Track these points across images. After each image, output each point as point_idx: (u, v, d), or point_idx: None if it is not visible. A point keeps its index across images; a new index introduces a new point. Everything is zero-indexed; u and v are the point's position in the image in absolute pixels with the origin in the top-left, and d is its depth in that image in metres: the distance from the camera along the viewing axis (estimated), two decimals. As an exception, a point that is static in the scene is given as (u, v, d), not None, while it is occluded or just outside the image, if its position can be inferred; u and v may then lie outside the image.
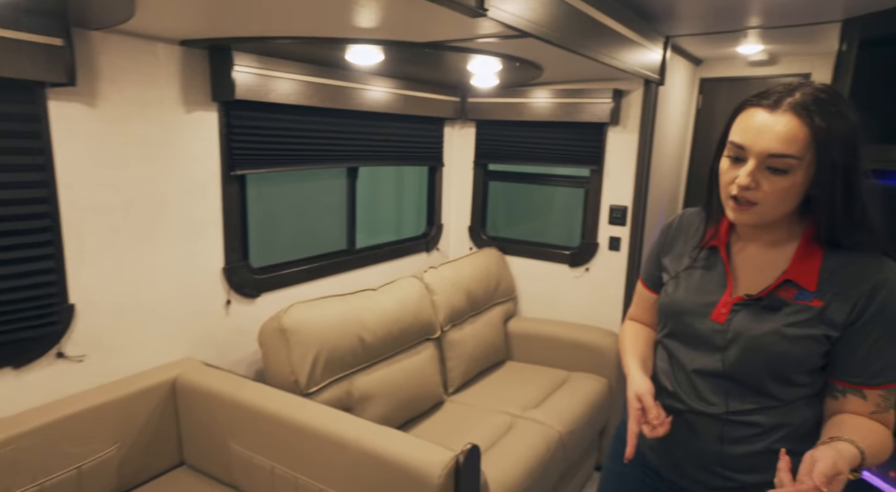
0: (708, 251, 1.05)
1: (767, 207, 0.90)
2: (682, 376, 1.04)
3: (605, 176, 2.69)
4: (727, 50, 3.10)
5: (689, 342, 1.03)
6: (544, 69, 2.25)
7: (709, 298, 1.00)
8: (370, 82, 2.32)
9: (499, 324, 2.77)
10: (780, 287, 0.94)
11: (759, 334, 0.93)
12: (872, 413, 0.91)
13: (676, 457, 1.06)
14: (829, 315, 0.90)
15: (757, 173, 0.89)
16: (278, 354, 1.74)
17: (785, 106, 0.87)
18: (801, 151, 0.86)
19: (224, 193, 1.87)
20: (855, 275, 0.90)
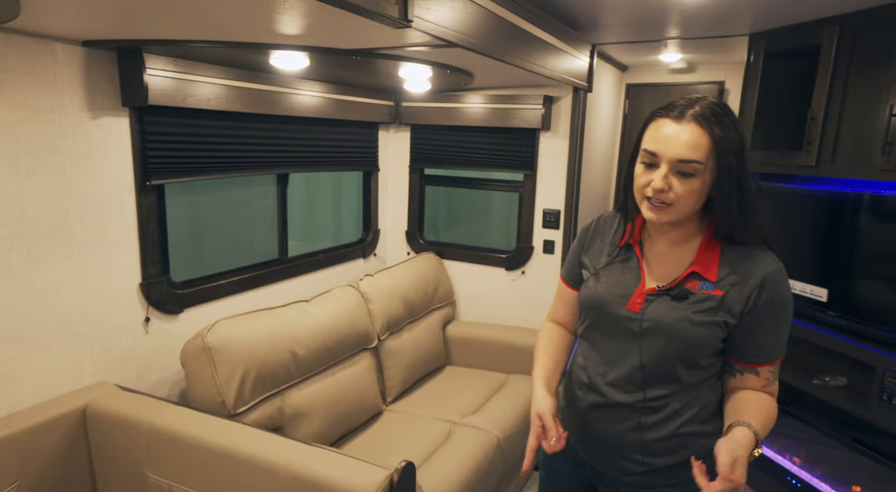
0: (624, 248, 1.15)
1: (680, 206, 1.01)
2: (599, 369, 1.13)
3: (538, 180, 2.74)
4: (650, 57, 3.24)
5: (608, 332, 1.12)
6: (475, 76, 2.26)
7: (625, 290, 1.10)
8: (300, 86, 2.25)
9: (437, 329, 2.76)
10: (686, 279, 1.06)
11: (671, 321, 1.04)
12: (764, 386, 1.06)
13: (599, 447, 1.14)
14: (728, 304, 1.02)
15: (669, 177, 1.00)
16: (203, 374, 1.64)
17: (688, 117, 0.99)
18: (704, 156, 0.98)
19: (139, 205, 1.75)
20: (748, 268, 1.02)
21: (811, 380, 2.28)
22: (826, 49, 2.14)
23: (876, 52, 1.99)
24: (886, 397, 1.96)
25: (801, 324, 2.32)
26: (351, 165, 2.78)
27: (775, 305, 1.02)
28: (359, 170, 2.88)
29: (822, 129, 2.18)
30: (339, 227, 3.16)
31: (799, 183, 2.38)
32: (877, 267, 2.08)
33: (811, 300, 2.29)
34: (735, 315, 1.02)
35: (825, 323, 2.24)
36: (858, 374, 2.14)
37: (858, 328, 2.10)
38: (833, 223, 2.24)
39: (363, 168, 2.88)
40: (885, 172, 1.94)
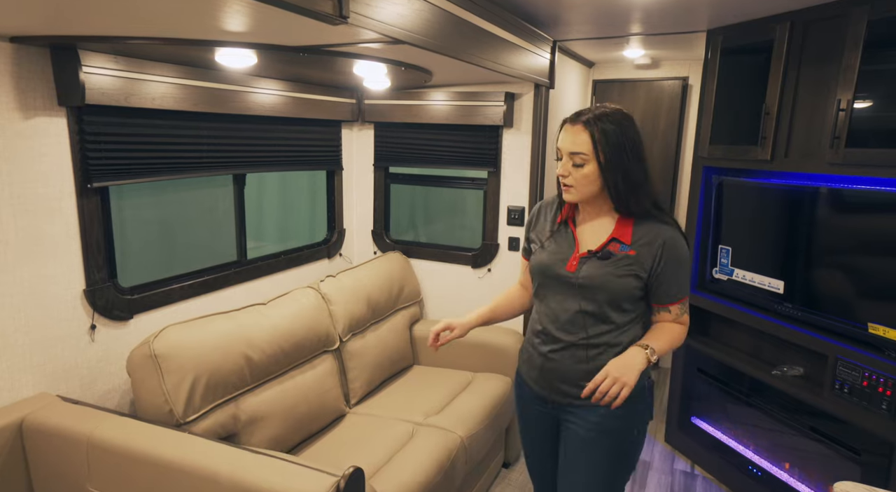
0: (561, 224, 1.48)
1: (579, 187, 1.36)
2: (549, 317, 1.44)
3: (502, 178, 2.73)
4: (615, 54, 3.25)
5: (554, 289, 1.43)
6: (433, 73, 2.23)
7: (564, 256, 1.43)
8: (256, 85, 2.20)
9: (403, 329, 2.73)
10: (609, 243, 1.38)
11: (598, 276, 1.36)
12: (675, 319, 1.42)
13: (555, 381, 1.45)
14: (640, 260, 1.35)
15: (567, 166, 1.36)
16: (149, 382, 1.59)
17: (579, 121, 1.34)
18: (587, 149, 1.32)
19: (81, 208, 1.69)
20: (653, 234, 1.36)
21: (770, 371, 2.32)
22: (778, 44, 2.17)
23: (825, 47, 2.02)
24: (839, 385, 1.99)
25: (759, 315, 2.36)
26: (313, 165, 2.73)
27: (675, 258, 1.36)
28: (321, 169, 2.83)
29: (776, 123, 2.20)
30: (315, 226, 3.10)
31: (757, 177, 2.41)
32: (830, 259, 2.12)
33: (769, 292, 2.33)
34: (646, 269, 1.36)
35: (783, 314, 2.27)
36: (814, 363, 2.18)
37: (813, 319, 2.14)
38: (789, 217, 2.27)
39: (326, 167, 2.84)
40: (834, 166, 1.97)
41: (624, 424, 1.40)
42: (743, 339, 2.57)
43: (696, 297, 2.64)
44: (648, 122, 3.53)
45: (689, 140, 3.50)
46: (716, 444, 2.67)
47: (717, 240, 2.63)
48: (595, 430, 1.41)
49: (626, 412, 1.36)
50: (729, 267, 2.56)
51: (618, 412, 1.34)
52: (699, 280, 2.72)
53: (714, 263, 2.64)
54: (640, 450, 1.47)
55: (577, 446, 1.43)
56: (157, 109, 1.82)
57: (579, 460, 1.44)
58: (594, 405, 1.35)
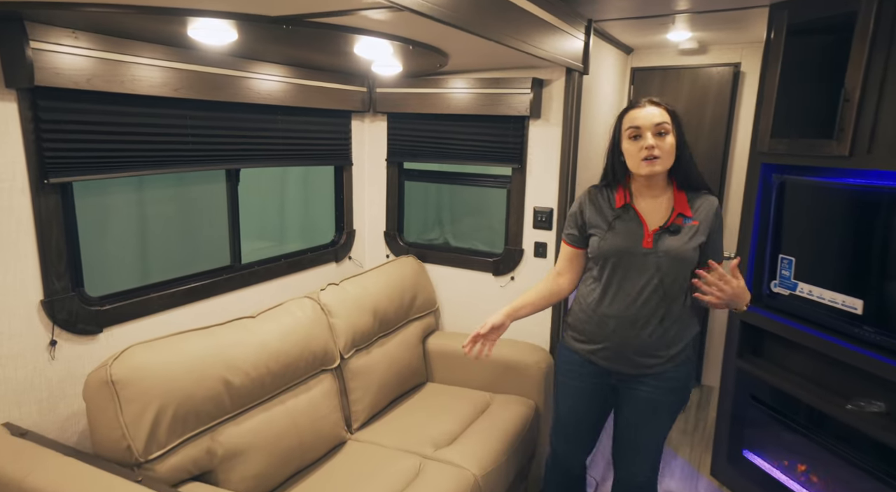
0: (622, 209, 1.58)
1: (665, 157, 1.48)
2: (623, 296, 1.55)
3: (527, 175, 2.43)
4: (657, 37, 2.91)
5: (631, 268, 1.54)
6: (449, 55, 1.95)
7: (637, 234, 1.54)
8: (250, 69, 1.96)
9: (416, 342, 2.46)
10: (675, 218, 1.53)
11: (675, 247, 1.50)
12: None
13: (628, 356, 1.57)
14: (702, 229, 1.53)
15: (653, 138, 1.47)
16: (105, 413, 1.36)
17: (646, 103, 1.53)
18: (668, 119, 1.49)
19: (37, 207, 1.46)
20: (706, 205, 1.56)
21: (843, 404, 1.96)
22: (864, 18, 1.80)
23: (927, 18, 1.65)
24: (937, 433, 1.63)
25: (829, 339, 2.00)
26: (318, 159, 2.48)
27: (721, 225, 1.59)
28: (328, 164, 2.58)
29: (858, 113, 1.84)
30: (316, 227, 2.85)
31: (828, 176, 2.05)
32: (925, 277, 1.75)
33: (843, 312, 1.97)
34: (706, 235, 1.53)
35: (860, 339, 1.92)
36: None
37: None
38: (869, 224, 1.91)
39: (333, 162, 2.58)
40: (940, 163, 1.60)
41: (687, 379, 1.60)
42: (807, 364, 2.21)
43: (750, 313, 2.29)
44: (693, 113, 3.17)
45: (741, 134, 3.13)
46: (771, 483, 2.31)
47: (776, 249, 2.26)
48: (667, 391, 1.57)
49: (687, 367, 1.59)
50: (791, 280, 2.20)
51: (683, 370, 1.58)
52: (753, 294, 2.37)
53: (772, 275, 2.28)
54: None
55: (647, 407, 1.59)
56: (130, 95, 1.59)
57: (650, 418, 1.61)
58: (667, 369, 1.56)
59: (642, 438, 1.63)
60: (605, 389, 1.65)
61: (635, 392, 1.60)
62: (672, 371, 1.56)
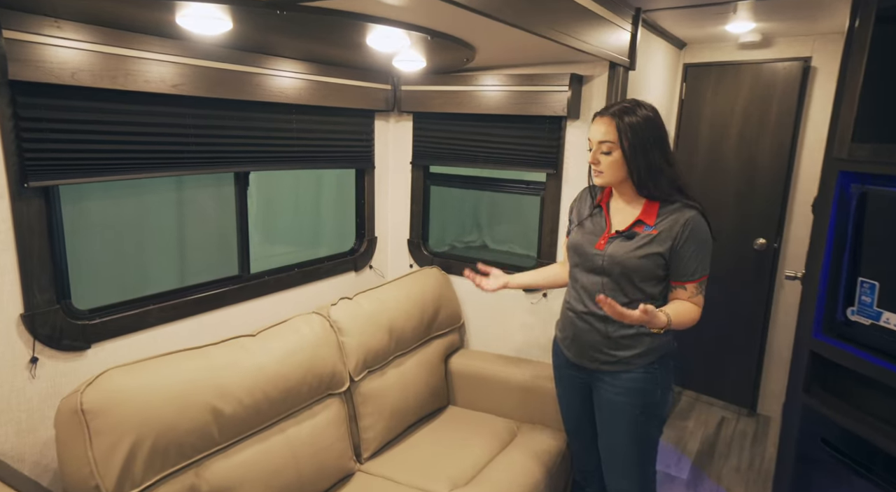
0: (597, 207, 1.63)
1: (608, 172, 1.52)
2: (580, 291, 1.61)
3: (563, 182, 2.19)
4: (714, 29, 2.61)
5: (584, 266, 1.60)
6: (476, 48, 1.74)
7: (595, 236, 1.59)
8: (262, 64, 1.81)
9: (437, 362, 2.27)
10: (635, 225, 1.53)
11: (620, 254, 1.51)
12: (690, 298, 1.52)
13: (583, 348, 1.62)
14: (661, 239, 1.49)
15: (597, 154, 1.52)
16: (73, 446, 1.22)
17: (605, 113, 1.51)
18: (612, 137, 1.48)
19: (16, 213, 1.34)
20: (676, 216, 1.49)
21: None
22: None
23: None
24: None
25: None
26: (337, 162, 2.32)
27: (695, 239, 1.48)
28: (348, 167, 2.41)
29: (967, 112, 1.53)
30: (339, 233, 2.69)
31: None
32: None
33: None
34: (667, 248, 1.48)
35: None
36: None
37: None
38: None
39: (354, 165, 2.42)
40: None
41: (647, 385, 1.57)
42: (890, 406, 1.89)
43: (819, 342, 1.98)
44: (753, 113, 2.84)
45: (810, 137, 2.79)
46: (841, 541, 1.99)
47: (854, 270, 1.94)
48: (622, 392, 1.58)
49: (648, 375, 1.57)
50: (873, 308, 1.87)
51: (641, 375, 1.56)
52: (825, 321, 2.05)
53: (849, 300, 1.96)
54: (666, 408, 1.63)
55: (608, 407, 1.61)
56: (121, 91, 1.45)
57: (612, 419, 1.62)
58: (621, 371, 1.57)
59: (611, 444, 1.64)
60: (580, 382, 1.70)
61: (599, 391, 1.64)
62: (626, 374, 1.57)
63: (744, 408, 3.12)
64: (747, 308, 2.97)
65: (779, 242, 2.87)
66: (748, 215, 2.91)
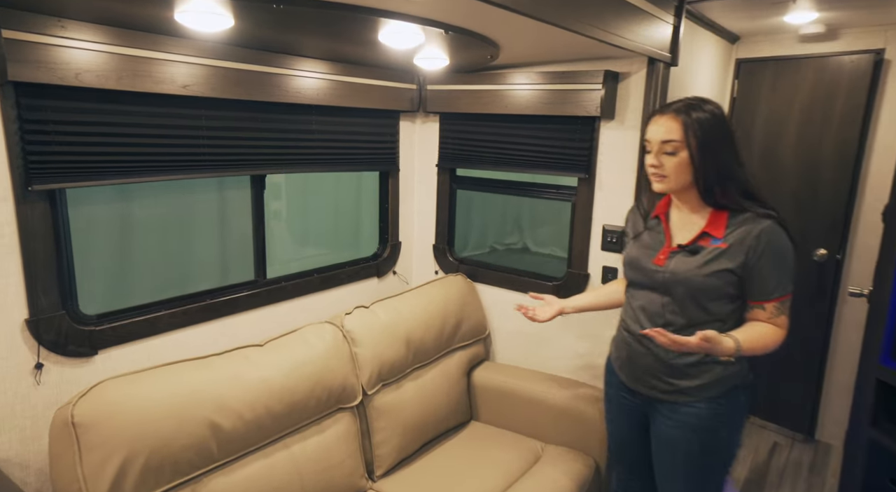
0: (654, 220, 1.50)
1: (672, 176, 1.36)
2: (637, 311, 1.46)
3: (597, 187, 2.03)
4: (771, 20, 2.38)
5: (641, 284, 1.46)
6: (499, 44, 1.62)
7: (653, 250, 1.45)
8: (279, 64, 1.75)
9: (458, 376, 2.15)
10: (700, 238, 1.38)
11: (684, 270, 1.36)
12: (769, 319, 1.35)
13: (638, 373, 1.48)
14: (732, 253, 1.32)
15: (659, 156, 1.36)
16: (63, 460, 1.18)
17: (666, 111, 1.36)
18: (678, 136, 1.32)
19: (21, 217, 1.32)
20: (748, 226, 1.32)
21: None
22: None
23: None
24: None
25: None
26: (360, 165, 2.24)
27: (773, 252, 1.31)
28: (371, 170, 2.33)
29: None
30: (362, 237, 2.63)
31: None
32: None
33: None
34: (739, 263, 1.32)
35: None
36: None
37: None
38: None
39: (377, 167, 2.34)
40: None
41: (710, 422, 1.38)
42: (974, 449, 1.64)
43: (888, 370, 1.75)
44: (815, 112, 2.59)
45: (882, 135, 2.51)
46: None
47: (932, 290, 1.71)
48: (680, 427, 1.41)
49: (712, 410, 1.37)
50: (955, 335, 1.64)
51: (704, 410, 1.37)
52: (894, 345, 1.82)
53: (925, 324, 1.72)
54: (733, 449, 1.44)
55: (664, 441, 1.46)
56: (130, 93, 1.42)
57: (667, 455, 1.46)
58: (680, 402, 1.40)
59: (666, 481, 1.48)
60: (634, 408, 1.55)
61: (654, 421, 1.49)
62: (686, 407, 1.39)
63: (799, 433, 2.85)
64: (806, 325, 2.71)
65: (842, 254, 2.60)
66: (807, 223, 2.65)
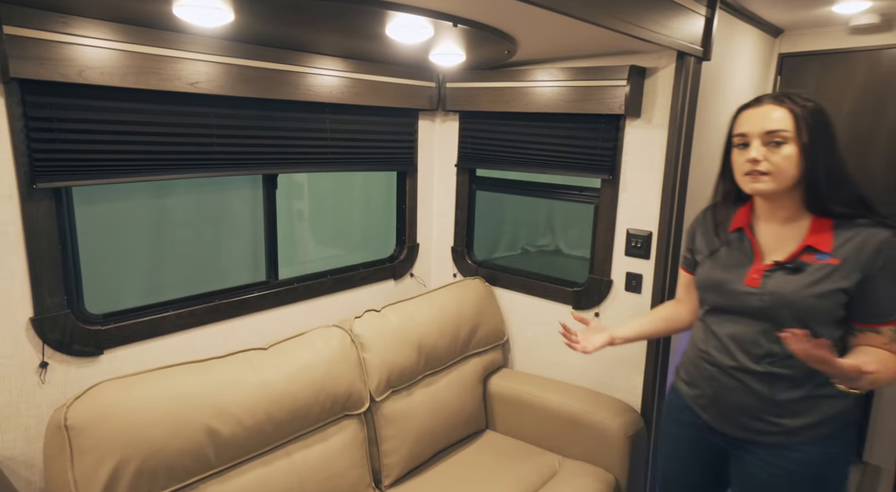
0: (735, 233, 1.29)
1: (777, 173, 1.15)
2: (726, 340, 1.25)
3: (621, 189, 1.92)
4: (818, 11, 2.21)
5: (730, 308, 1.25)
6: (516, 39, 1.53)
7: (741, 268, 1.24)
8: (291, 61, 1.72)
9: (473, 383, 2.08)
10: (802, 252, 1.18)
11: (789, 292, 1.16)
12: (885, 344, 1.15)
13: (733, 413, 1.25)
14: (845, 270, 1.13)
15: (761, 149, 1.16)
16: (56, 463, 1.16)
17: (765, 100, 1.18)
18: (787, 125, 1.13)
19: (26, 215, 1.32)
20: (862, 237, 1.13)
21: None
22: None
23: None
24: None
25: None
26: (376, 164, 2.19)
27: (891, 269, 1.11)
28: (388, 170, 2.28)
29: None
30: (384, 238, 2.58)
31: None
32: None
33: None
34: (855, 281, 1.12)
35: None
36: None
37: None
38: None
39: (394, 167, 2.28)
40: None
41: (820, 469, 1.20)
42: None
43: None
44: (867, 109, 2.40)
45: (939, 138, 2.30)
46: None
47: None
48: (783, 474, 1.22)
49: (822, 452, 1.19)
50: None
51: (812, 453, 1.19)
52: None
53: None
54: None
55: (757, 490, 1.27)
56: (137, 90, 1.40)
57: None
58: (783, 444, 1.21)
59: None
60: (709, 447, 1.35)
61: (745, 465, 1.28)
62: (793, 451, 1.20)
63: (842, 456, 2.66)
64: (850, 340, 2.52)
65: (893, 264, 2.40)
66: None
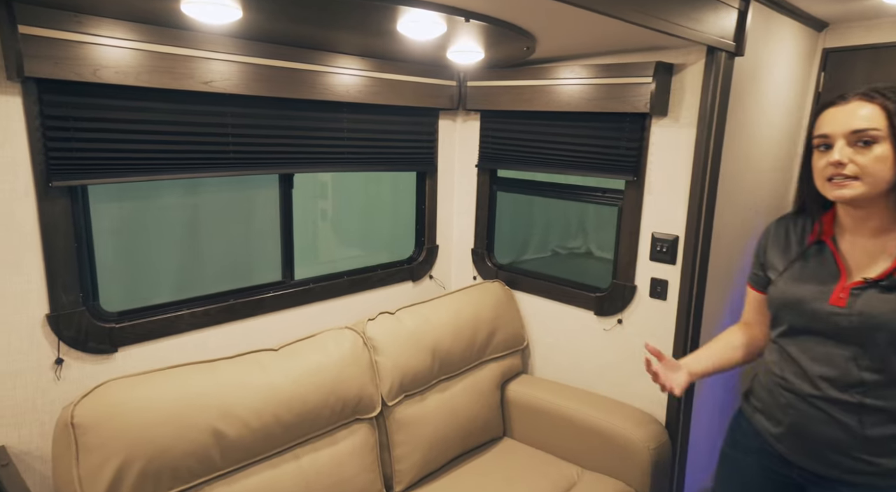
0: (816, 246, 1.17)
1: (868, 177, 1.02)
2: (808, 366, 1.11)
3: (646, 191, 1.84)
4: (866, 2, 2.08)
5: (812, 330, 1.11)
6: (534, 35, 1.47)
7: (824, 285, 1.11)
8: (308, 60, 1.70)
9: (490, 389, 2.03)
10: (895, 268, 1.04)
11: (884, 312, 1.02)
12: None
13: (815, 447, 1.12)
14: None
15: (845, 150, 1.03)
16: (62, 461, 1.17)
17: (852, 96, 1.06)
18: (878, 123, 1.01)
19: (42, 213, 1.34)
20: None
21: None
22: None
23: None
24: None
25: None
26: (395, 164, 2.16)
27: None
28: (407, 170, 2.25)
29: None
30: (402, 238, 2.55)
31: None
32: None
33: None
34: None
35: None
36: None
37: None
38: None
39: (413, 168, 2.25)
40: None
41: None
42: None
43: None
44: (918, 109, 2.24)
45: None
46: None
47: None
48: None
49: None
50: None
51: None
52: None
53: None
54: None
55: None
56: (152, 89, 1.40)
57: None
58: (879, 487, 1.07)
59: None
60: (783, 482, 1.22)
61: None
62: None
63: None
64: None
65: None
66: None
